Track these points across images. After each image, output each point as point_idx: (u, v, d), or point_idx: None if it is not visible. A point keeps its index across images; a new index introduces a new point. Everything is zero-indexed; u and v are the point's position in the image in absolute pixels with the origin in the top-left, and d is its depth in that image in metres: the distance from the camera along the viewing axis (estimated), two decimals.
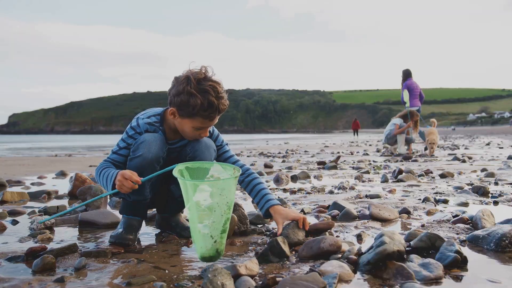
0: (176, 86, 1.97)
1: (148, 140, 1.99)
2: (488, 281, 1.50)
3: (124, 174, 1.87)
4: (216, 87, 1.95)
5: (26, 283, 1.54)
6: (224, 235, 1.76)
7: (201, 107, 1.92)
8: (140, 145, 1.99)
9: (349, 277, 1.55)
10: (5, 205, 3.31)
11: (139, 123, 2.09)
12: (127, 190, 1.87)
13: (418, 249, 1.80)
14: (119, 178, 1.87)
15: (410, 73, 9.74)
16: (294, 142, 22.53)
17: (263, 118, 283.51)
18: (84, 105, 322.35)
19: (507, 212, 2.76)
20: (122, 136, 2.12)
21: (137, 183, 1.87)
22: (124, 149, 2.09)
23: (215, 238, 1.73)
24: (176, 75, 2.01)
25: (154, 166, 2.00)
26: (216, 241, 1.73)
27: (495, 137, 22.34)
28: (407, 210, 2.75)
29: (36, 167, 7.40)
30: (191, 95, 1.90)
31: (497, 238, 1.87)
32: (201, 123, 2.00)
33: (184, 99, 1.92)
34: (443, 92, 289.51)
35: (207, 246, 1.73)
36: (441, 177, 4.80)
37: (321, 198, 3.47)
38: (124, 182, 1.85)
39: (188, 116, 1.98)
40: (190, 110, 1.94)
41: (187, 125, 2.02)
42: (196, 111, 1.93)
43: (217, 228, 1.73)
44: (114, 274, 1.64)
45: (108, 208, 3.13)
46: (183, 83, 1.94)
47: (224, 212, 1.74)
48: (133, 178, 1.86)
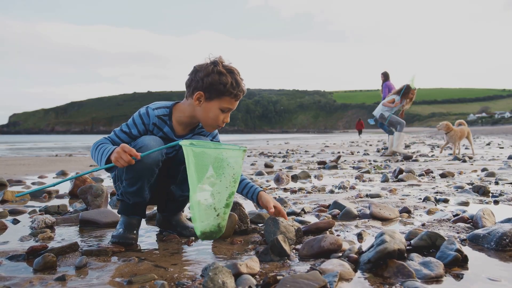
0: (203, 69, 2.03)
1: (147, 145, 1.96)
2: (488, 280, 1.50)
3: (124, 147, 1.84)
4: (237, 69, 2.08)
5: (27, 282, 1.54)
6: (227, 210, 1.74)
7: (230, 85, 2.01)
8: (140, 150, 1.94)
9: (349, 275, 1.55)
10: (5, 205, 3.31)
11: (149, 112, 2.08)
12: (123, 164, 1.84)
13: (419, 248, 1.81)
14: (118, 150, 1.84)
15: (389, 75, 10.40)
16: (294, 142, 22.53)
17: (264, 118, 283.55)
18: (85, 105, 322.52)
19: (508, 211, 2.76)
20: (128, 121, 2.11)
21: (136, 157, 1.85)
22: (124, 134, 2.08)
23: (218, 211, 1.69)
24: (196, 64, 2.07)
25: (153, 170, 1.99)
26: (218, 214, 1.69)
27: (495, 137, 22.33)
28: (407, 209, 2.75)
29: (36, 166, 7.40)
30: (221, 74, 2.00)
31: (497, 237, 1.87)
32: (228, 103, 2.05)
33: (215, 78, 1.99)
34: (443, 92, 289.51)
35: (208, 219, 1.68)
36: (442, 176, 4.80)
37: (321, 197, 3.47)
38: (122, 155, 1.82)
39: (218, 95, 2.02)
40: (221, 88, 2.00)
41: (214, 108, 2.04)
42: (226, 89, 2.00)
43: (221, 200, 1.70)
44: (115, 273, 1.64)
45: (109, 208, 3.13)
46: (210, 66, 2.02)
47: (230, 184, 1.72)
48: (132, 152, 1.84)
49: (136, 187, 2.00)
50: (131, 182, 1.99)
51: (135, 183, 1.99)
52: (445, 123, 8.26)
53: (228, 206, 1.74)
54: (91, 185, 3.11)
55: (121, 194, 2.07)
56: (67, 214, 2.89)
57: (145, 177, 1.98)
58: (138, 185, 1.99)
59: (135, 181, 1.98)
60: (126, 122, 2.12)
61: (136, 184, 1.99)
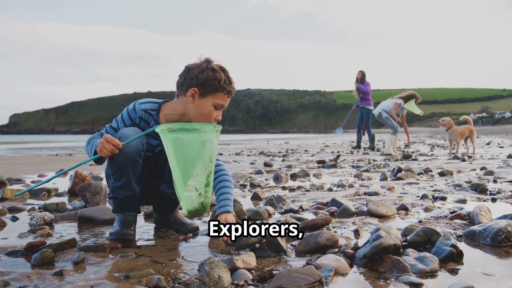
0: (196, 67, 2.07)
1: (126, 134, 2.01)
2: (483, 274, 1.51)
3: (106, 137, 1.92)
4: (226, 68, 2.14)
5: (25, 276, 1.55)
6: (208, 188, 1.82)
7: (224, 81, 2.07)
8: (120, 140, 1.99)
9: (345, 270, 1.56)
10: (5, 202, 3.33)
11: (136, 107, 2.15)
12: (108, 154, 1.92)
13: (415, 244, 1.82)
14: (101, 140, 1.93)
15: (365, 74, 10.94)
16: (294, 141, 22.54)
17: (264, 118, 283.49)
18: (85, 105, 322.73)
19: (505, 208, 2.77)
20: (117, 117, 2.18)
21: (118, 146, 1.91)
22: (113, 129, 2.15)
23: (199, 191, 1.80)
24: (187, 64, 2.12)
25: (135, 159, 2.02)
26: (200, 194, 1.80)
27: (495, 137, 22.33)
28: (405, 207, 2.76)
29: (36, 165, 7.42)
30: (214, 70, 2.06)
31: (493, 233, 1.88)
32: (221, 99, 2.09)
33: (209, 74, 2.04)
34: (443, 92, 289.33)
35: (192, 199, 1.80)
36: (440, 175, 4.80)
37: (320, 195, 3.48)
38: (105, 145, 1.90)
39: (212, 91, 2.06)
40: (215, 84, 2.04)
41: (208, 104, 2.08)
42: (220, 85, 2.05)
43: (201, 180, 1.80)
44: (112, 268, 1.65)
45: (107, 205, 3.15)
46: (204, 63, 2.08)
47: (207, 165, 1.81)
48: (114, 141, 1.91)
49: (123, 180, 2.03)
50: (117, 175, 2.03)
51: (121, 176, 2.03)
52: (449, 119, 8.24)
53: (208, 185, 1.84)
54: (90, 183, 3.13)
55: (112, 191, 2.11)
56: (66, 211, 2.90)
57: (129, 168, 2.01)
58: (124, 178, 2.03)
59: (121, 174, 2.02)
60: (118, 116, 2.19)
61: (122, 177, 2.03)
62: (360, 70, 10.96)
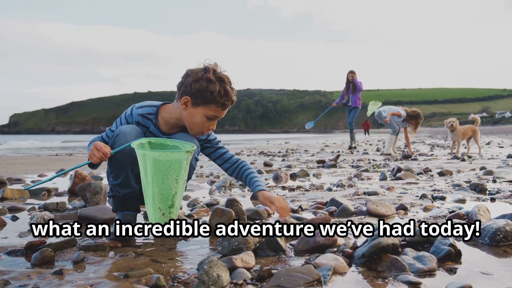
0: (193, 74, 2.04)
1: (124, 131, 2.03)
2: (481, 274, 1.52)
3: (96, 145, 1.96)
4: (229, 78, 2.07)
5: (25, 275, 1.56)
6: (172, 210, 1.82)
7: (218, 93, 2.00)
8: (117, 138, 2.03)
9: (343, 269, 1.57)
10: (5, 202, 3.33)
11: (133, 111, 2.15)
12: (97, 161, 1.96)
13: (413, 243, 1.82)
14: (91, 147, 1.97)
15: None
16: (294, 141, 22.54)
17: (264, 118, 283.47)
18: (85, 105, 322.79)
19: (504, 208, 2.78)
20: (117, 120, 2.20)
21: (106, 155, 1.95)
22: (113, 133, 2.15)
23: (162, 211, 1.81)
24: (189, 68, 2.08)
25: (134, 156, 2.02)
26: (164, 214, 1.81)
27: (495, 137, 22.32)
28: (404, 207, 2.77)
29: (36, 165, 7.43)
30: (209, 81, 2.00)
31: (491, 232, 1.88)
32: (214, 111, 2.06)
33: (202, 85, 1.99)
34: (443, 92, 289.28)
35: (155, 216, 1.84)
36: (440, 175, 4.81)
37: (319, 195, 3.49)
38: (95, 152, 1.95)
39: (204, 103, 2.03)
40: (207, 96, 2.00)
41: (199, 114, 2.06)
42: (213, 97, 2.00)
43: (166, 201, 1.79)
44: (112, 267, 1.66)
45: (107, 205, 3.15)
46: (201, 72, 2.03)
47: (173, 186, 1.80)
48: (103, 149, 1.94)
49: (122, 178, 2.04)
50: (116, 173, 2.05)
51: (120, 173, 2.04)
52: (454, 120, 8.32)
53: (173, 206, 1.83)
54: (90, 182, 3.13)
55: (111, 190, 2.13)
56: (66, 211, 2.91)
57: (127, 165, 2.03)
58: (123, 175, 2.04)
59: (119, 171, 2.04)
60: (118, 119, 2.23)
61: (121, 175, 2.04)
62: (350, 71, 10.97)
